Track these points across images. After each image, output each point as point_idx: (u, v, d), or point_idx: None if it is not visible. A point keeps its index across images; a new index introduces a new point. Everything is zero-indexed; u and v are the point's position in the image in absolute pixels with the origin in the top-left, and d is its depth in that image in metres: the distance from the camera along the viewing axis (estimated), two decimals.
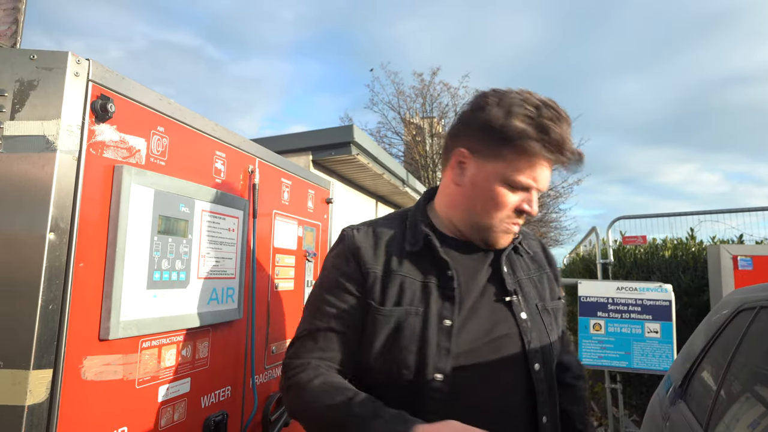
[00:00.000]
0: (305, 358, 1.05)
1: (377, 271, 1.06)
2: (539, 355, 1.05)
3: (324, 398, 0.96)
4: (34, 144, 1.02)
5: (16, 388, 0.95)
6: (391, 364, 1.01)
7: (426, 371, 0.98)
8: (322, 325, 1.06)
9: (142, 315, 1.23)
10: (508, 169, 0.99)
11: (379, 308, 1.03)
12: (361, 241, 1.09)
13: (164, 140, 1.34)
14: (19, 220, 0.99)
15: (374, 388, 1.01)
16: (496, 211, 1.03)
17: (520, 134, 0.95)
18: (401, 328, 1.01)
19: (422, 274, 1.06)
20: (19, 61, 1.04)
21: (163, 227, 1.31)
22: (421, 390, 0.98)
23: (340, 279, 1.08)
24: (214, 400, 1.52)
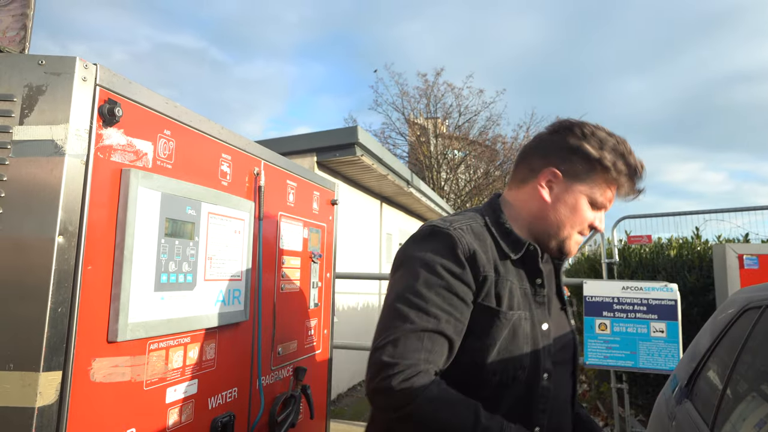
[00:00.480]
0: (412, 359, 0.98)
1: (491, 275, 1.07)
2: (578, 369, 1.22)
3: (448, 409, 0.96)
4: (42, 148, 1.03)
5: (26, 389, 0.96)
6: (506, 365, 1.05)
7: (538, 371, 1.07)
8: (429, 326, 1.00)
9: (150, 317, 1.24)
10: (596, 191, 1.14)
11: (500, 311, 1.06)
12: (472, 243, 1.08)
13: (171, 143, 1.35)
14: (29, 224, 1.00)
15: (484, 388, 1.04)
16: (577, 224, 1.15)
17: (613, 165, 1.12)
18: (516, 330, 1.07)
19: (520, 281, 1.12)
20: (28, 66, 1.05)
21: (170, 230, 1.32)
22: (532, 389, 1.07)
23: (452, 281, 1.03)
24: (221, 401, 1.53)
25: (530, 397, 1.06)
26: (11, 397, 0.95)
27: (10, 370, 0.96)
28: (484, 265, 1.06)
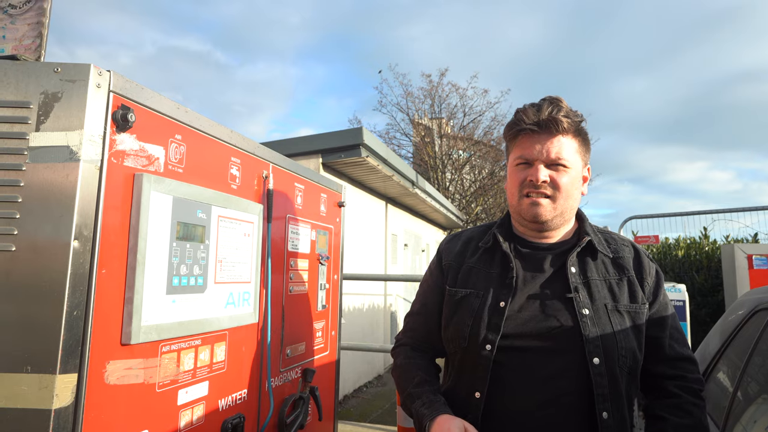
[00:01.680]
0: (401, 338, 1.40)
1: (452, 263, 1.33)
2: (599, 350, 1.14)
3: (401, 374, 1.31)
4: (58, 154, 1.04)
5: (43, 392, 0.98)
6: (453, 335, 1.25)
7: (477, 342, 1.19)
8: (414, 310, 1.40)
9: (162, 320, 1.25)
10: (516, 151, 1.26)
11: (448, 289, 1.30)
12: (447, 243, 1.41)
13: (181, 148, 1.37)
14: (45, 228, 1.02)
15: (451, 356, 1.29)
16: (516, 186, 1.25)
17: (504, 132, 1.31)
18: (462, 305, 1.26)
19: (490, 266, 1.28)
20: (44, 73, 1.07)
21: (181, 233, 1.33)
22: (475, 358, 1.19)
23: (428, 274, 1.41)
24: (231, 402, 1.55)
25: (473, 364, 1.19)
26: (28, 399, 0.97)
27: (28, 372, 0.98)
28: (449, 257, 1.35)
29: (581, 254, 1.26)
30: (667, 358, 1.23)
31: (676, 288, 3.18)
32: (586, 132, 1.28)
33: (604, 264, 1.26)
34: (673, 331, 1.26)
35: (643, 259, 1.30)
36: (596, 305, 1.19)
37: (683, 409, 1.17)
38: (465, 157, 18.32)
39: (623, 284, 1.24)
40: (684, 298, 3.18)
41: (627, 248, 1.32)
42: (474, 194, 17.41)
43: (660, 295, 1.27)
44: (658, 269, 1.34)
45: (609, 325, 1.17)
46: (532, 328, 1.17)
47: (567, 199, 1.23)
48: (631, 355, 1.17)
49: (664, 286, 1.32)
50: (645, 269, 1.28)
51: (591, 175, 1.33)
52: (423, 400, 1.18)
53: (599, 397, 1.12)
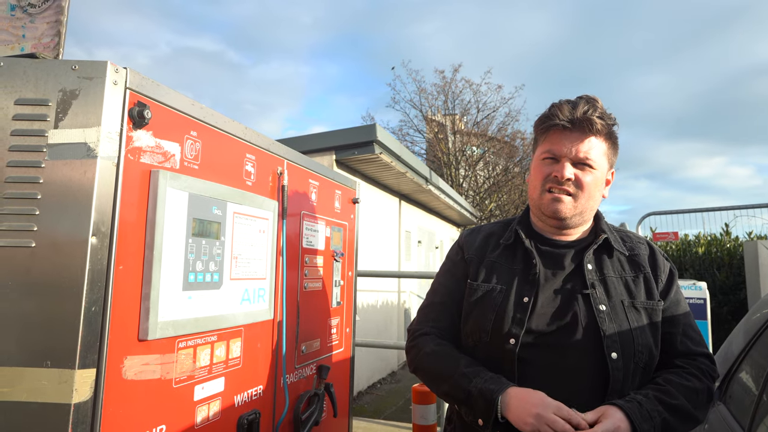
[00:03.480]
0: (421, 327, 1.36)
1: (473, 257, 1.35)
2: (617, 345, 1.15)
3: (439, 360, 1.25)
4: (76, 151, 1.05)
5: (63, 386, 0.99)
6: (474, 329, 1.25)
7: (501, 336, 1.19)
8: (436, 300, 1.38)
9: (178, 316, 1.26)
10: (544, 146, 1.26)
11: (471, 283, 1.31)
12: (468, 236, 1.42)
13: (197, 144, 1.37)
14: (63, 225, 1.03)
15: (468, 349, 1.27)
16: (539, 181, 1.25)
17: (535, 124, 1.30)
18: (484, 299, 1.26)
19: (512, 262, 1.29)
20: (62, 71, 1.08)
21: (197, 230, 1.34)
22: (498, 352, 1.19)
23: (450, 264, 1.41)
24: (247, 399, 1.55)
25: (498, 358, 1.19)
26: (48, 394, 0.98)
27: (48, 367, 0.99)
28: (470, 251, 1.36)
29: (597, 252, 1.27)
30: (679, 354, 1.23)
31: (697, 286, 3.12)
32: (617, 136, 1.28)
33: (620, 261, 1.27)
34: (687, 329, 1.25)
35: (658, 257, 1.31)
36: (613, 302, 1.20)
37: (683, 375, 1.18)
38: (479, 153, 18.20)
39: (639, 281, 1.25)
40: (705, 296, 3.11)
41: (642, 246, 1.32)
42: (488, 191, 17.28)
43: (672, 292, 1.27)
44: (672, 267, 1.33)
45: (626, 321, 1.18)
46: (553, 323, 1.18)
47: (589, 199, 1.24)
48: (648, 351, 1.18)
49: (678, 284, 1.31)
50: (660, 267, 1.28)
51: (614, 179, 1.33)
52: (483, 377, 1.14)
53: (612, 392, 1.13)
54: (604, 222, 1.33)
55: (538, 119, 1.29)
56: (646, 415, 1.06)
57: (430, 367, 1.26)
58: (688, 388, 1.15)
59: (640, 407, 1.07)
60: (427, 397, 2.43)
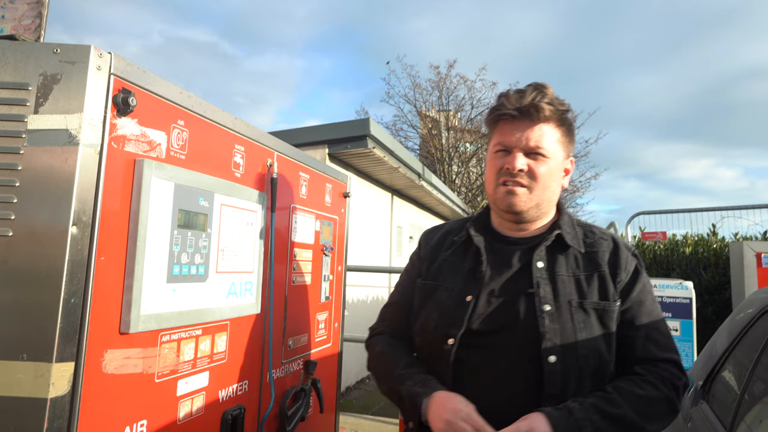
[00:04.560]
0: (378, 326, 1.38)
1: (428, 255, 1.32)
2: (557, 348, 1.08)
3: (383, 360, 1.26)
4: (57, 137, 1.02)
5: (39, 380, 0.96)
6: (420, 328, 1.24)
7: (441, 335, 1.16)
8: (392, 299, 1.38)
9: (162, 309, 1.23)
10: (495, 138, 1.22)
11: (419, 281, 1.30)
12: (426, 234, 1.41)
13: (184, 134, 1.34)
14: (42, 214, 1.00)
15: (417, 348, 1.27)
16: (493, 175, 1.21)
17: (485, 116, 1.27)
18: (431, 298, 1.24)
19: (463, 260, 1.25)
20: (43, 54, 1.04)
21: (182, 221, 1.31)
22: (437, 352, 1.16)
23: (409, 264, 1.39)
24: (232, 394, 1.53)
25: (437, 357, 1.16)
26: (24, 388, 0.95)
27: (23, 360, 0.96)
28: (426, 249, 1.34)
29: (551, 249, 1.19)
30: (639, 360, 1.12)
31: (683, 285, 3.14)
32: (572, 122, 1.21)
33: (575, 259, 1.19)
34: (652, 332, 1.14)
35: (621, 254, 1.20)
36: (559, 302, 1.12)
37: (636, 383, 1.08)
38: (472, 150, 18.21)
39: (593, 280, 1.16)
40: (691, 295, 3.14)
41: (605, 242, 1.22)
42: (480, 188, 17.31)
43: (634, 291, 1.16)
44: (638, 265, 1.22)
45: (570, 323, 1.10)
46: (494, 323, 1.13)
47: (544, 190, 1.17)
48: (596, 355, 1.09)
49: (647, 284, 1.20)
50: (621, 264, 1.18)
51: (573, 168, 1.27)
52: (414, 379, 1.13)
53: (548, 397, 1.06)
54: (567, 216, 1.25)
55: (488, 111, 1.24)
56: (573, 425, 0.98)
57: (375, 367, 1.28)
58: (639, 396, 1.05)
59: (568, 415, 0.99)
60: None
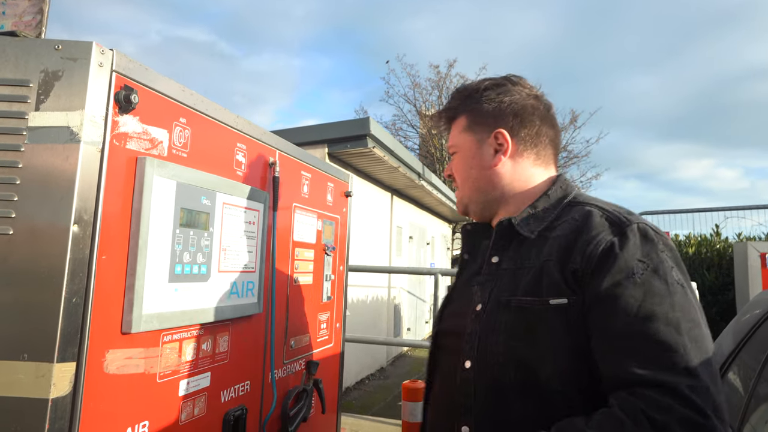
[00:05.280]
0: None
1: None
2: (474, 352, 0.92)
3: None
4: (58, 135, 1.01)
5: (40, 380, 0.94)
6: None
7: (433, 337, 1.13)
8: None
9: (164, 308, 1.22)
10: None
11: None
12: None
13: (186, 132, 1.32)
14: (44, 212, 0.98)
15: None
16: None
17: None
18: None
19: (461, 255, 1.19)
20: (44, 51, 1.03)
21: (185, 220, 1.29)
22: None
23: None
24: (234, 394, 1.52)
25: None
26: (25, 388, 0.94)
27: (24, 360, 0.94)
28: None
29: (506, 239, 1.00)
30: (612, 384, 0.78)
31: None
32: (477, 98, 1.07)
33: (528, 248, 0.95)
34: (632, 340, 0.77)
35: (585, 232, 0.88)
36: (492, 299, 0.94)
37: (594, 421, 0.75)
38: None
39: (528, 271, 0.92)
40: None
41: (571, 221, 0.93)
42: None
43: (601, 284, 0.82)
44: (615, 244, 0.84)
45: (490, 323, 0.92)
46: (449, 324, 1.07)
47: (465, 182, 1.10)
48: (519, 365, 0.86)
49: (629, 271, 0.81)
50: (578, 247, 0.86)
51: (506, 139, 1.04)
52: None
53: (460, 407, 0.92)
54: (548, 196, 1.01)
55: None
56: None
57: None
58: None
59: None
60: (416, 394, 2.41)
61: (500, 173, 1.05)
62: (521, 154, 1.05)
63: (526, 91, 1.07)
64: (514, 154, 1.05)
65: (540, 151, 1.06)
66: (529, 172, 1.05)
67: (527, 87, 1.08)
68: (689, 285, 0.85)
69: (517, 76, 1.09)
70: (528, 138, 1.05)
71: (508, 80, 1.08)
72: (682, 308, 0.79)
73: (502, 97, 1.05)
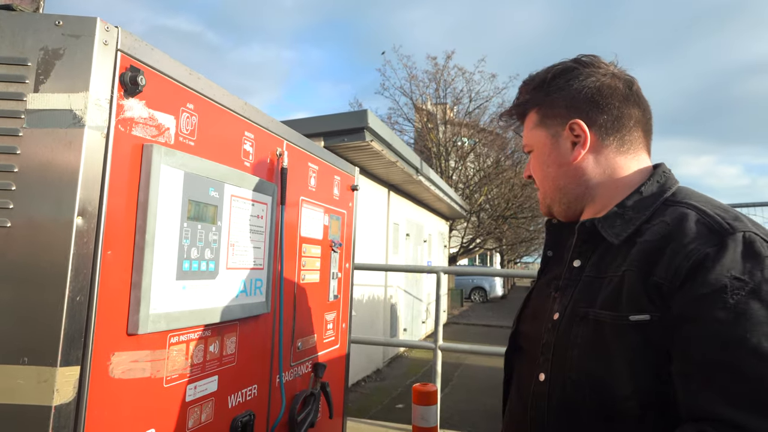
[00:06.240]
0: None
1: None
2: (548, 365, 0.89)
3: None
4: (60, 119, 0.92)
5: (42, 386, 0.86)
6: None
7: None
8: None
9: (171, 308, 1.14)
10: None
11: None
12: None
13: (193, 118, 1.24)
14: (44, 203, 0.90)
15: None
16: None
17: None
18: None
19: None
20: (44, 27, 0.94)
21: (192, 213, 1.21)
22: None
23: None
24: (241, 399, 1.44)
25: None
26: (26, 394, 0.86)
27: (25, 364, 0.86)
28: None
29: (589, 243, 0.92)
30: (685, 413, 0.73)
31: None
32: (550, 87, 0.98)
33: (613, 254, 0.88)
34: (712, 370, 0.70)
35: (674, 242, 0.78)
36: (570, 309, 0.89)
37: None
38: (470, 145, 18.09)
39: (610, 281, 0.84)
40: None
41: (662, 224, 0.83)
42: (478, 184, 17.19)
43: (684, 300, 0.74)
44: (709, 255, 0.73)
45: (566, 336, 0.87)
46: (528, 327, 1.03)
47: (544, 181, 1.02)
48: (593, 384, 0.81)
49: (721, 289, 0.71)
50: (665, 257, 0.77)
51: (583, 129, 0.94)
52: None
53: (533, 420, 0.89)
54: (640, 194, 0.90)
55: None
56: None
57: None
58: None
59: None
60: (428, 398, 2.32)
61: (581, 168, 0.95)
62: (603, 143, 0.94)
63: (600, 72, 0.95)
64: (595, 144, 0.94)
65: (625, 137, 0.94)
66: (615, 162, 0.94)
67: (602, 66, 0.96)
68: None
69: (589, 56, 0.98)
70: (608, 124, 0.94)
71: (579, 63, 0.97)
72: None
73: (573, 83, 0.95)
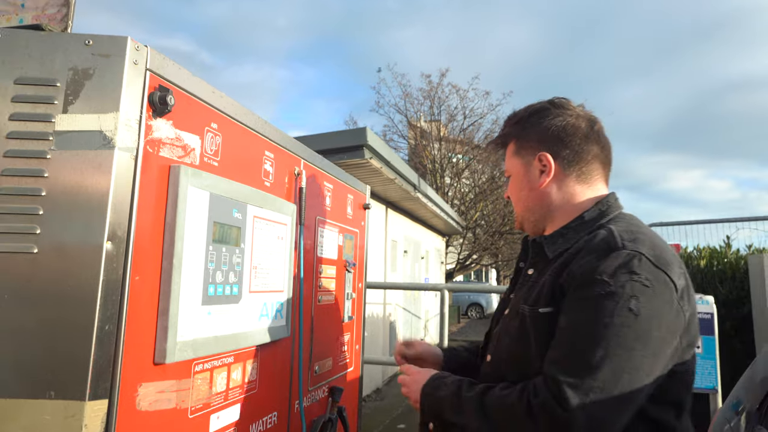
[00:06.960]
0: None
1: None
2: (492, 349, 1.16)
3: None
4: (89, 140, 0.89)
5: (70, 421, 0.81)
6: None
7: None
8: None
9: (198, 334, 1.09)
10: None
11: None
12: None
13: (217, 138, 1.21)
14: (73, 228, 0.86)
15: None
16: None
17: None
18: None
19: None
20: (73, 47, 0.91)
21: (217, 235, 1.17)
22: None
23: None
24: (262, 428, 1.38)
25: None
26: (53, 430, 0.80)
27: (51, 398, 0.81)
28: None
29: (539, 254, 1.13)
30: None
31: (704, 300, 3.06)
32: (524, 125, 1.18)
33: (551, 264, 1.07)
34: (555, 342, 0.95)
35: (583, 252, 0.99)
36: (513, 305, 1.14)
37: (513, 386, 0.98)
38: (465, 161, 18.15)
39: (540, 283, 1.05)
40: (712, 310, 3.05)
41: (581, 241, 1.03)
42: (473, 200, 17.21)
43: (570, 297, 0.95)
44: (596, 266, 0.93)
45: (505, 327, 1.13)
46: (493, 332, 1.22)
47: (518, 202, 1.22)
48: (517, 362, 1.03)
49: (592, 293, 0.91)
50: (573, 264, 0.98)
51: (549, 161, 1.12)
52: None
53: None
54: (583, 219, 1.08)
55: None
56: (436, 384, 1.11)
57: None
58: (498, 397, 0.98)
59: (441, 377, 1.12)
60: None
61: (546, 193, 1.15)
62: (565, 173, 1.13)
63: (568, 113, 1.14)
64: (558, 174, 1.13)
65: (583, 168, 1.13)
66: (573, 190, 1.14)
67: (570, 108, 1.16)
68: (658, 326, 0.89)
69: (561, 99, 1.18)
70: (570, 157, 1.13)
71: (551, 104, 1.17)
72: (620, 332, 0.87)
73: (543, 121, 1.15)
